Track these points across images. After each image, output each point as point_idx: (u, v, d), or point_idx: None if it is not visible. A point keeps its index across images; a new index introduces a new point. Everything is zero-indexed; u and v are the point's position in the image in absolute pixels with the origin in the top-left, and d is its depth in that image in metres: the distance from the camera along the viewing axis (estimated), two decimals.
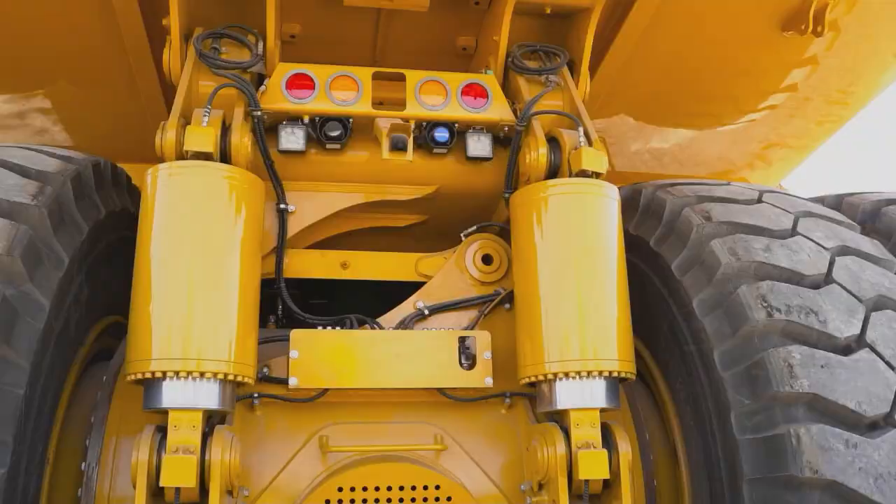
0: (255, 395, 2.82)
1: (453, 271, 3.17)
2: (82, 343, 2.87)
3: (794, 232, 2.85)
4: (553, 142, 3.02)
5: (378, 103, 3.11)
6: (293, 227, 3.11)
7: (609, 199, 2.88)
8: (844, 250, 2.79)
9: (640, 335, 3.30)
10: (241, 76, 2.94)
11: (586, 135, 3.00)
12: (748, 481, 2.50)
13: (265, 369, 2.89)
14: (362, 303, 3.33)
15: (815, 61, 4.23)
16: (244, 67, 2.97)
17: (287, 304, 3.06)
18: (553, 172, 2.99)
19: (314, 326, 2.99)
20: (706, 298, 2.76)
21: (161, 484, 2.31)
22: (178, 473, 2.30)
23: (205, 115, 2.70)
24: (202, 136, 2.62)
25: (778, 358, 2.48)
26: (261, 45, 3.08)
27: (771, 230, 2.83)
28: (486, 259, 3.20)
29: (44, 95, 4.16)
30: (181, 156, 2.66)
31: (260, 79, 3.10)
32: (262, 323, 3.43)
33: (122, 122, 4.12)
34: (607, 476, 2.56)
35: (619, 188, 3.51)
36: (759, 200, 3.06)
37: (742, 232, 2.82)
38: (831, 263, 2.70)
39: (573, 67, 3.41)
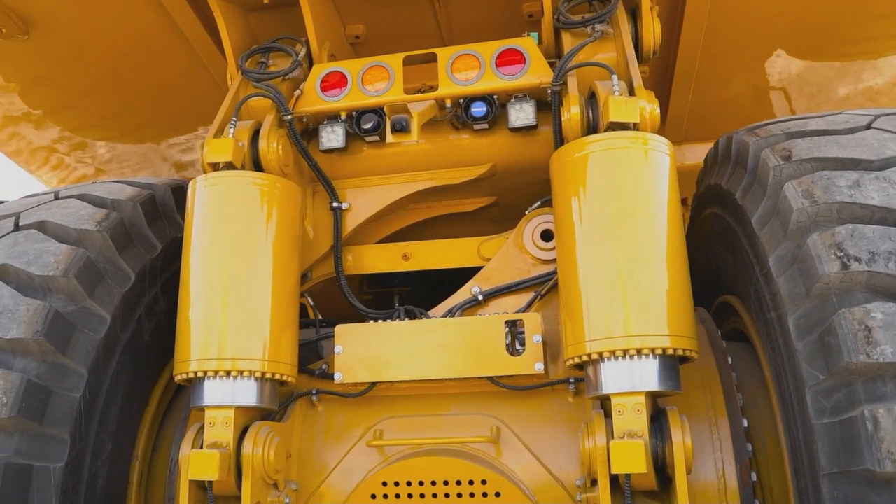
0: (314, 391, 2.88)
1: (512, 251, 2.95)
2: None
3: None
4: (593, 98, 2.69)
5: None
6: (350, 223, 3.12)
7: (652, 151, 2.48)
8: None
9: (743, 302, 2.83)
10: (276, 85, 3.02)
11: (630, 83, 2.63)
12: (825, 476, 2.00)
13: (324, 366, 2.94)
14: None
15: None
16: (281, 75, 3.06)
17: (347, 298, 3.07)
18: (594, 130, 2.66)
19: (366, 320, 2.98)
20: (783, 254, 2.27)
21: (189, 477, 2.45)
22: (204, 467, 2.42)
23: (230, 127, 2.83)
24: (219, 146, 2.74)
25: (851, 320, 1.96)
26: (303, 51, 3.15)
27: (868, 161, 2.25)
28: (546, 235, 2.92)
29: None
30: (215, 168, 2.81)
31: None
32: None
33: None
34: (643, 470, 2.18)
35: (718, 139, 3.04)
36: (868, 127, 2.45)
37: (827, 168, 2.29)
38: None
39: (637, 11, 3.02)
